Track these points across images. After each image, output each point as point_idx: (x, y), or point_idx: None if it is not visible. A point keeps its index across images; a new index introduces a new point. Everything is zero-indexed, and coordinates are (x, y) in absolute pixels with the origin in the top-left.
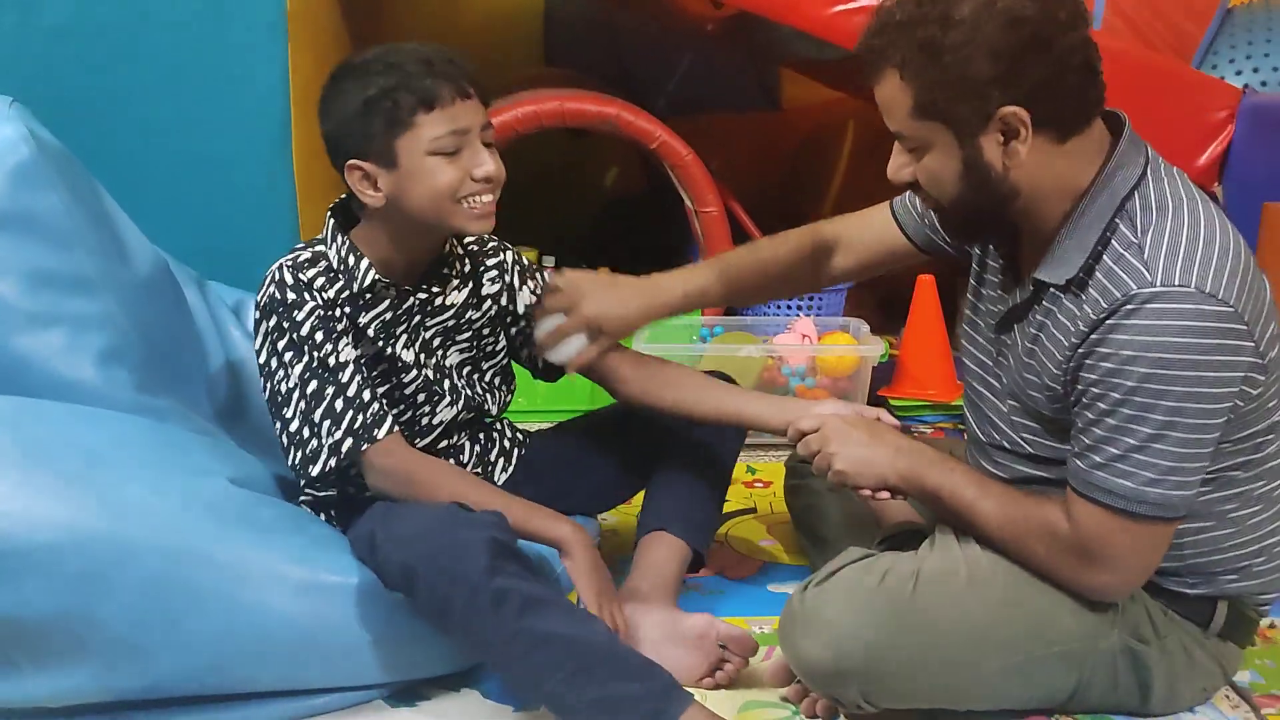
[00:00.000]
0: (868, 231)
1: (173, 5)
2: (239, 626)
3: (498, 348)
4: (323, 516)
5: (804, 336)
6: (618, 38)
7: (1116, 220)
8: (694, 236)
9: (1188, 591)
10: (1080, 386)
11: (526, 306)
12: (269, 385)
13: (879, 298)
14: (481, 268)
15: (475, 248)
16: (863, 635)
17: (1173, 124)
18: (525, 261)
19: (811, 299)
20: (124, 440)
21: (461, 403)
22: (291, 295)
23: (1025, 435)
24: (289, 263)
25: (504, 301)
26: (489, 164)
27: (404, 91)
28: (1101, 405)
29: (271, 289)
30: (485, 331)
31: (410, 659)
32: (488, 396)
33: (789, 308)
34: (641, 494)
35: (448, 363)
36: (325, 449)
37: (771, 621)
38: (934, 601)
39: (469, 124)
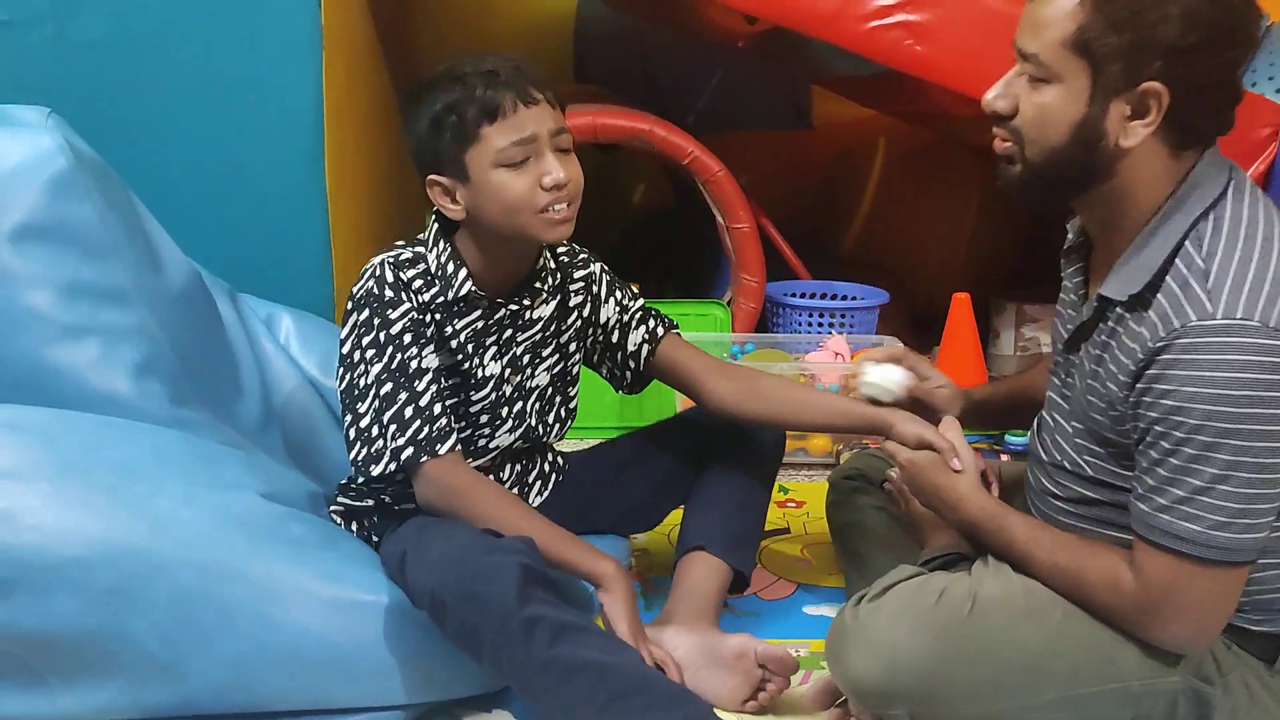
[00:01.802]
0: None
1: (207, 19)
2: (268, 643)
3: (577, 368)
4: (354, 527)
5: (836, 354)
6: (648, 54)
7: (1185, 241)
8: (725, 252)
9: (1252, 628)
10: (1142, 425)
11: (608, 319)
12: (347, 377)
13: (912, 316)
14: (570, 280)
15: (565, 259)
16: (916, 654)
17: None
18: (613, 276)
19: (844, 316)
20: (156, 453)
21: (521, 431)
22: (390, 293)
23: (1087, 458)
24: (390, 260)
25: (587, 313)
26: (556, 171)
27: (467, 105)
28: (1164, 444)
29: (370, 283)
30: (571, 348)
31: (441, 679)
32: (555, 428)
33: (819, 326)
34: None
35: (534, 383)
36: (388, 452)
37: (808, 644)
38: (991, 626)
39: (535, 131)
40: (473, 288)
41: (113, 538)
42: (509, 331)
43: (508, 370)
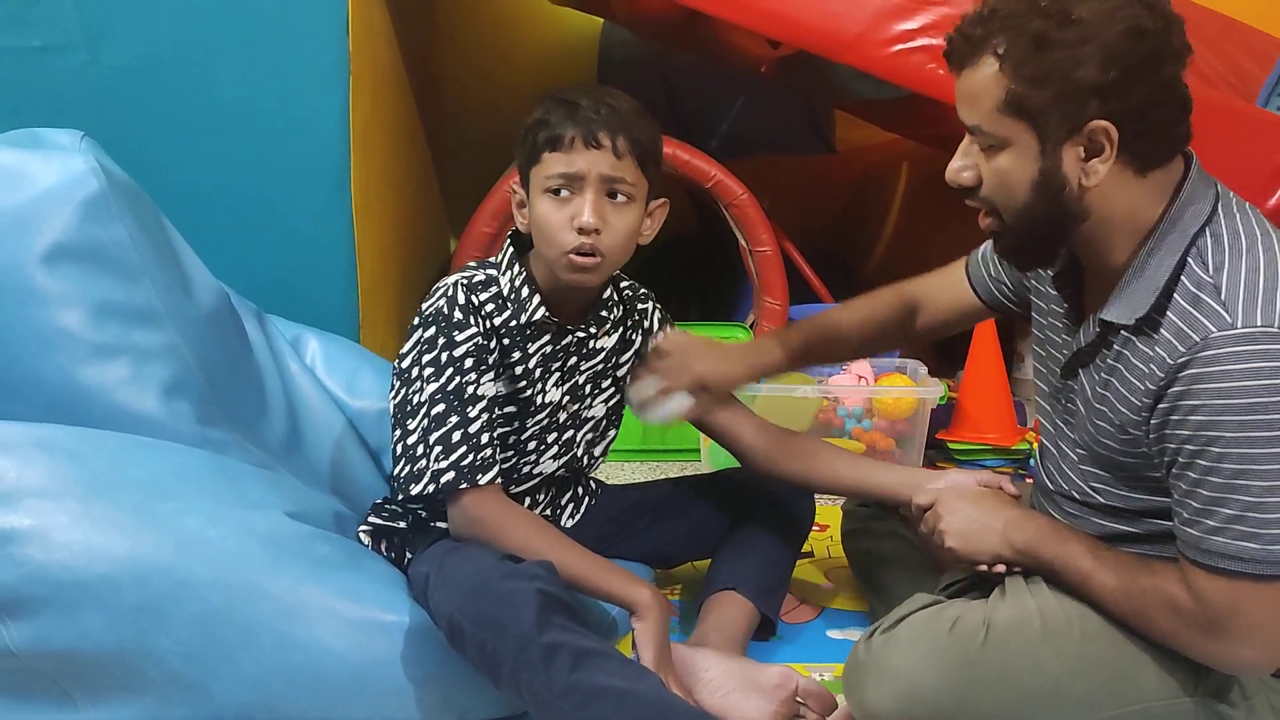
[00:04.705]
0: (945, 290)
1: (237, 45)
2: (292, 662)
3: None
4: (383, 545)
5: (860, 378)
6: (672, 78)
7: (1187, 258)
8: (747, 276)
9: None
10: (1172, 445)
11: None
12: (403, 391)
13: (936, 340)
14: (632, 313)
15: (629, 293)
16: (932, 685)
17: (1238, 165)
18: (665, 313)
19: None
20: (184, 472)
21: (566, 459)
22: (459, 315)
23: (1095, 485)
24: (464, 281)
25: (639, 345)
26: (586, 215)
27: (541, 128)
28: (1202, 462)
29: (441, 302)
30: (627, 381)
31: (462, 701)
32: (598, 458)
33: None
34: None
35: (591, 413)
36: (429, 474)
37: (832, 668)
38: (1007, 653)
39: (583, 170)
40: (545, 313)
41: (140, 556)
42: (573, 359)
43: (566, 398)
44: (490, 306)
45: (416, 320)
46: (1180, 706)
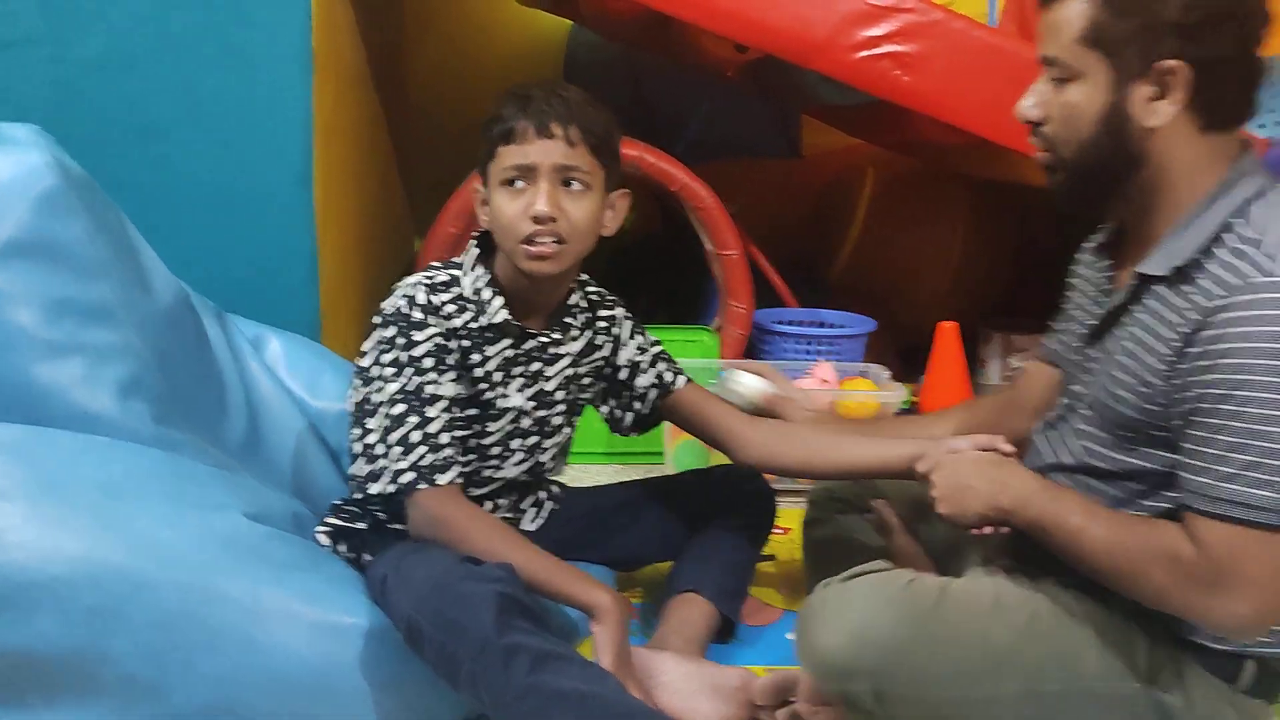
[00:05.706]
0: (1035, 382)
1: (200, 41)
2: (252, 665)
3: (586, 405)
4: (342, 547)
5: (824, 381)
6: (639, 81)
7: (1233, 221)
8: (713, 279)
9: (1212, 645)
10: (1196, 391)
11: (627, 360)
12: (363, 390)
13: (899, 345)
14: (597, 319)
15: (596, 298)
16: (884, 630)
17: None
18: (635, 319)
19: (832, 344)
20: (140, 473)
21: (529, 465)
22: (418, 315)
23: (1086, 444)
24: (425, 281)
25: (608, 353)
26: (540, 204)
27: (497, 122)
28: (1226, 408)
29: (401, 302)
30: (586, 383)
31: (423, 704)
32: (560, 461)
33: (807, 353)
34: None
35: (558, 420)
36: (388, 473)
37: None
38: (958, 614)
39: (536, 161)
40: (506, 315)
41: (95, 557)
42: (537, 365)
43: (532, 404)
44: (451, 308)
45: (377, 319)
46: (1122, 689)
